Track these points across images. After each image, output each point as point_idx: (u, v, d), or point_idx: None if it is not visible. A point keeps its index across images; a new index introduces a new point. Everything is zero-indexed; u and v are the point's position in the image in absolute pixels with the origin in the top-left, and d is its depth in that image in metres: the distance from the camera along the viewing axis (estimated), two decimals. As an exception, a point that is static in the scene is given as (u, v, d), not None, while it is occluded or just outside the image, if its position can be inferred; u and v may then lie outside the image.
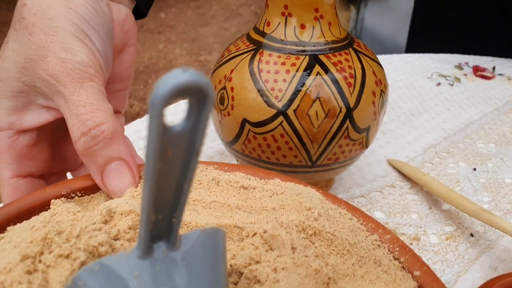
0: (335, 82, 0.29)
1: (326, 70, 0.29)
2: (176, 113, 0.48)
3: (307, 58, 0.29)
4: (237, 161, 0.34)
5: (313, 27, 0.30)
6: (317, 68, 0.29)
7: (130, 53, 0.26)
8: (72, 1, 0.22)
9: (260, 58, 0.30)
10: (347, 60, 0.30)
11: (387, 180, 0.38)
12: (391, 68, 0.62)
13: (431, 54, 0.68)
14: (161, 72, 2.58)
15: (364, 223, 0.22)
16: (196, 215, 0.21)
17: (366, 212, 0.34)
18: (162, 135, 0.10)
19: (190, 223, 0.20)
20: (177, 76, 0.09)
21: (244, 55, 0.31)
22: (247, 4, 3.68)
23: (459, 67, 0.63)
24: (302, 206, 0.21)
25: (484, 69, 0.61)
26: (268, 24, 0.31)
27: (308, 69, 0.29)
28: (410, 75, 0.60)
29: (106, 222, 0.20)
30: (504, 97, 0.55)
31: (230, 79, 0.30)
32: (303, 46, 0.29)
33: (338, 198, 0.23)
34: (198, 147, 0.11)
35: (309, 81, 0.28)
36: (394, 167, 0.40)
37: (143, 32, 2.84)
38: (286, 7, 0.29)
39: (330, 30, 0.30)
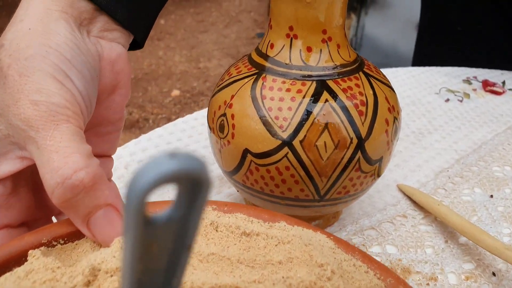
0: (345, 110, 0.26)
1: (335, 97, 0.26)
2: (174, 132, 0.46)
3: (314, 84, 0.27)
4: (237, 191, 0.32)
5: (321, 50, 0.27)
6: (325, 95, 0.26)
7: (122, 95, 0.24)
8: (52, 39, 0.20)
9: (263, 83, 0.27)
10: (357, 85, 0.27)
11: (398, 209, 0.36)
12: (397, 83, 0.60)
13: (437, 67, 0.66)
14: (161, 79, 2.57)
15: (382, 277, 0.19)
16: (191, 272, 0.18)
17: (378, 246, 0.32)
18: (143, 231, 0.08)
19: (185, 282, 0.18)
20: (162, 164, 0.07)
21: (246, 80, 0.28)
22: (247, 10, 3.68)
23: (468, 81, 0.61)
24: (312, 260, 0.18)
25: (493, 84, 0.59)
26: (272, 46, 0.28)
27: (315, 96, 0.26)
28: (418, 90, 0.58)
29: (88, 283, 0.17)
30: (516, 114, 0.52)
31: (230, 105, 0.28)
32: (310, 71, 0.27)
33: (351, 246, 0.21)
34: (190, 240, 0.09)
35: (316, 109, 0.26)
36: (405, 194, 0.38)
37: (142, 39, 2.82)
38: (291, 28, 0.27)
39: (338, 53, 0.28)
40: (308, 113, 0.26)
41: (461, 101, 0.55)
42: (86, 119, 0.21)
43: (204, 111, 0.51)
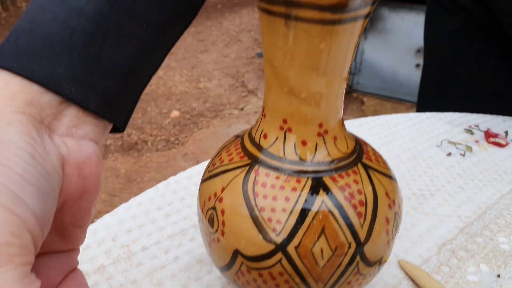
0: (343, 212, 0.25)
1: (332, 197, 0.25)
2: (165, 194, 0.44)
3: (309, 182, 0.25)
4: (229, 283, 0.30)
5: (316, 144, 0.26)
6: (322, 194, 0.25)
7: (89, 200, 0.21)
8: (1, 151, 0.17)
9: (255, 178, 0.26)
10: (356, 182, 0.26)
11: (400, 293, 0.34)
12: (398, 133, 0.58)
13: (439, 113, 0.64)
14: (160, 99, 2.56)
15: None
16: None
17: None
18: None
19: None
20: None
21: (238, 171, 0.27)
22: (247, 30, 3.70)
23: (470, 131, 0.59)
24: None
25: (496, 135, 0.57)
26: (265, 136, 0.27)
27: (311, 194, 0.25)
28: (419, 141, 0.56)
29: None
30: (520, 170, 0.51)
31: (220, 200, 0.26)
32: (305, 166, 0.26)
33: None
34: None
35: (312, 211, 0.24)
36: (406, 273, 0.36)
37: (142, 60, 2.83)
38: (285, 121, 0.26)
39: (335, 145, 0.26)
40: (303, 215, 0.24)
41: (463, 155, 0.53)
42: (40, 241, 0.18)
43: (199, 167, 0.49)
